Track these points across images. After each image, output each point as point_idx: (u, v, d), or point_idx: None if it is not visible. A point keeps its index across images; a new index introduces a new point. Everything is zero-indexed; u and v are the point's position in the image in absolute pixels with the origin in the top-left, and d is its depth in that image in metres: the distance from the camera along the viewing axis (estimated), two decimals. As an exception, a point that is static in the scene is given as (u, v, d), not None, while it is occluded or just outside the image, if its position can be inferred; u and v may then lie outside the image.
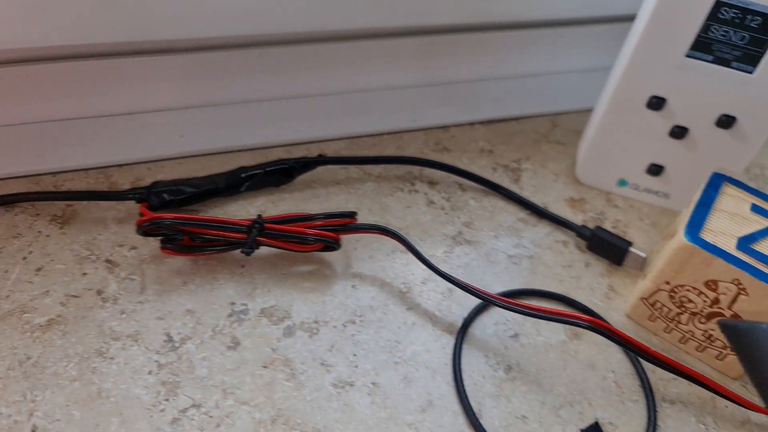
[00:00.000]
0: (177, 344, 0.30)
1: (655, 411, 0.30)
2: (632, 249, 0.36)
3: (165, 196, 0.35)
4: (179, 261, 0.34)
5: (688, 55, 0.33)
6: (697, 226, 0.30)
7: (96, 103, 0.40)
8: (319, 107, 0.44)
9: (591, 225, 0.38)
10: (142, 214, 0.34)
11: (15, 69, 0.37)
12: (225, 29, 0.39)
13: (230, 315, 0.32)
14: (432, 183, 0.40)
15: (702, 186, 0.33)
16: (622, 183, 0.41)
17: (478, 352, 0.32)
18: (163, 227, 0.32)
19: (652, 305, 0.33)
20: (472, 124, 0.45)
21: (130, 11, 0.37)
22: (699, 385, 0.30)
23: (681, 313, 0.32)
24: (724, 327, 0.26)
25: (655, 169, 0.39)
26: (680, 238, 0.30)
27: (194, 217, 0.32)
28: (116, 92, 0.40)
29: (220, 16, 0.39)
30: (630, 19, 0.37)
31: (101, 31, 0.37)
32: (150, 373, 0.29)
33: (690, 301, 0.31)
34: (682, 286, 0.31)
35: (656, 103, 0.36)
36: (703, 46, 0.33)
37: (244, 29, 0.40)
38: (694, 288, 0.31)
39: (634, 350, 0.30)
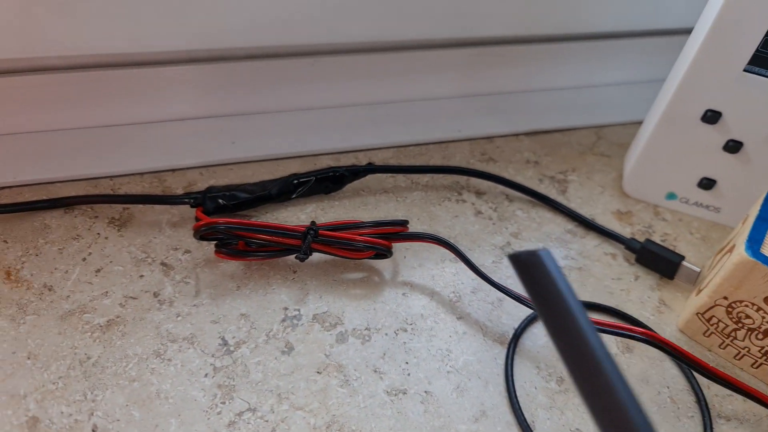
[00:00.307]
0: (232, 348, 0.31)
1: (711, 428, 0.30)
2: (685, 263, 0.36)
3: (220, 201, 0.35)
4: (232, 265, 0.34)
5: (746, 70, 0.33)
6: (757, 241, 0.30)
7: (151, 109, 0.41)
8: (367, 116, 0.45)
9: (639, 238, 0.38)
10: (198, 219, 0.34)
11: (75, 75, 0.38)
12: (278, 39, 0.40)
13: (283, 320, 0.32)
14: (479, 193, 0.41)
15: (760, 201, 0.32)
16: (671, 196, 0.40)
17: (530, 363, 0.32)
18: (219, 232, 0.32)
19: (708, 320, 0.33)
20: (517, 135, 0.45)
21: (188, 20, 0.37)
22: (755, 402, 0.29)
23: (738, 329, 0.32)
24: (511, 257, 0.26)
25: (707, 183, 0.38)
26: (741, 252, 0.29)
27: (251, 222, 0.32)
28: (170, 99, 0.41)
29: (274, 26, 0.39)
30: (678, 33, 0.37)
31: (161, 39, 0.38)
32: (206, 375, 0.30)
33: (748, 316, 0.31)
34: (740, 301, 0.31)
35: (711, 117, 0.36)
36: (761, 61, 0.33)
37: (296, 39, 0.40)
38: (753, 304, 0.30)
39: (691, 365, 0.30)
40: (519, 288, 0.35)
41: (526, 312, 0.34)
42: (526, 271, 0.26)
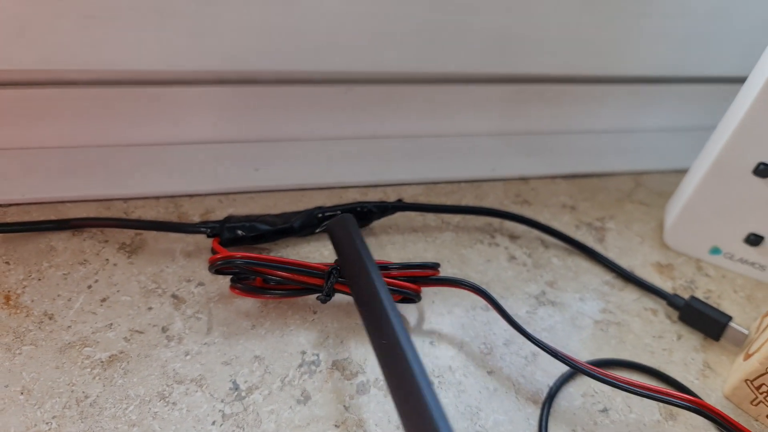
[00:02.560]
0: (243, 393, 0.28)
1: None
2: (733, 324, 0.33)
3: (238, 232, 0.33)
4: (248, 303, 0.32)
5: (807, 122, 0.31)
6: (824, 308, 0.27)
7: (171, 130, 0.39)
8: (398, 149, 0.43)
9: (680, 293, 0.36)
10: (214, 251, 0.32)
11: (94, 90, 0.36)
12: (311, 63, 0.38)
13: (301, 365, 0.30)
14: (513, 237, 0.38)
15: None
16: (715, 251, 0.38)
17: (565, 426, 0.29)
18: (236, 266, 0.30)
19: (757, 388, 0.30)
20: (553, 177, 0.43)
21: (216, 39, 0.36)
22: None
23: (795, 402, 0.29)
24: (326, 231, 0.32)
25: (755, 239, 0.36)
26: (806, 320, 0.27)
27: (271, 258, 0.30)
28: (192, 121, 0.39)
29: (307, 50, 0.38)
30: (728, 81, 0.35)
31: (187, 58, 0.36)
32: (214, 423, 0.27)
33: (808, 389, 0.28)
34: (801, 372, 0.28)
35: (764, 170, 0.33)
36: (825, 113, 0.31)
37: (329, 65, 0.39)
38: (816, 376, 0.28)
39: (743, 440, 0.27)
40: (555, 342, 0.33)
41: (561, 369, 0.31)
42: (333, 234, 0.31)
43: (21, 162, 0.36)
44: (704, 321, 0.34)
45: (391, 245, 0.36)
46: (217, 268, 0.30)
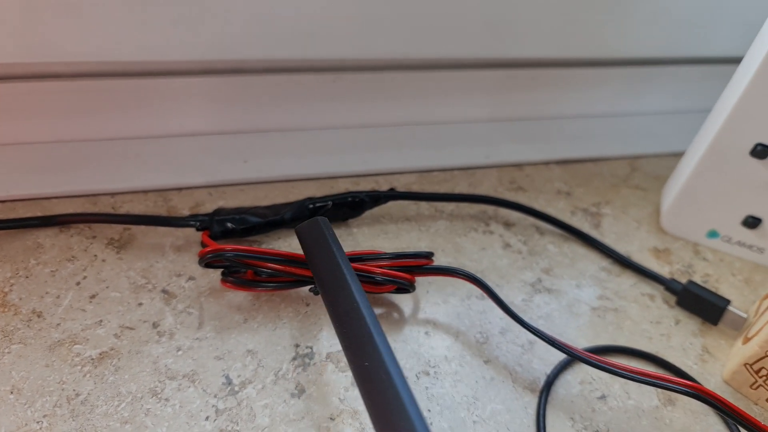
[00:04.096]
0: (237, 388, 0.28)
1: (768, 496, 0.27)
2: (731, 308, 0.33)
3: (228, 224, 0.33)
4: (240, 296, 0.31)
5: (805, 101, 0.31)
6: (823, 290, 0.27)
7: (157, 123, 0.38)
8: (389, 138, 0.42)
9: (678, 278, 0.36)
10: (204, 244, 0.31)
11: (78, 83, 0.36)
12: (298, 51, 0.38)
13: (294, 358, 0.29)
14: (508, 224, 0.38)
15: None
16: (713, 234, 0.38)
17: (563, 414, 0.29)
18: (226, 259, 0.30)
19: (757, 372, 0.30)
20: (547, 163, 0.43)
21: (201, 29, 0.35)
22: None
23: (795, 385, 0.29)
24: (297, 233, 0.30)
25: (752, 222, 0.36)
26: (805, 302, 0.27)
27: (262, 250, 0.30)
28: (179, 113, 0.39)
29: (294, 38, 0.37)
30: (722, 61, 0.35)
31: (172, 48, 0.36)
32: (207, 418, 0.27)
33: (808, 372, 0.28)
34: (801, 355, 0.28)
35: (761, 152, 0.33)
36: (822, 92, 0.30)
37: (318, 53, 0.38)
38: (816, 359, 0.28)
39: (742, 422, 0.27)
40: (552, 330, 0.33)
41: (559, 357, 0.31)
42: (304, 238, 0.29)
43: (4, 158, 0.36)
44: (702, 305, 0.34)
45: (384, 235, 0.36)
46: (207, 261, 0.30)
